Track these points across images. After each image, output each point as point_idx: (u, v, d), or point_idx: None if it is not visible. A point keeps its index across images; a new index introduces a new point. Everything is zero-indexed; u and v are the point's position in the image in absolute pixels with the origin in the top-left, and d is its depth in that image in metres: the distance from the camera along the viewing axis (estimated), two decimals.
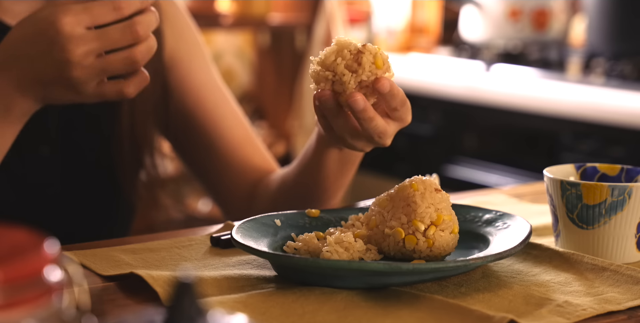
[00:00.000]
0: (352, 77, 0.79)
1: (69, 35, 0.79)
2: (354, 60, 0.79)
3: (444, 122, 2.58)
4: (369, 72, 0.79)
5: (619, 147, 2.13)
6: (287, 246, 0.79)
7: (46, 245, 0.45)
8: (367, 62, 0.79)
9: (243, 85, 3.12)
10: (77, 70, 0.80)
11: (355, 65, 0.79)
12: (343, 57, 0.80)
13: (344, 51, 0.80)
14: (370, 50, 0.80)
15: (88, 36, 0.80)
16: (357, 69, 0.79)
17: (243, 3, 2.84)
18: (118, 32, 0.80)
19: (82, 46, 0.80)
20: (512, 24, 2.73)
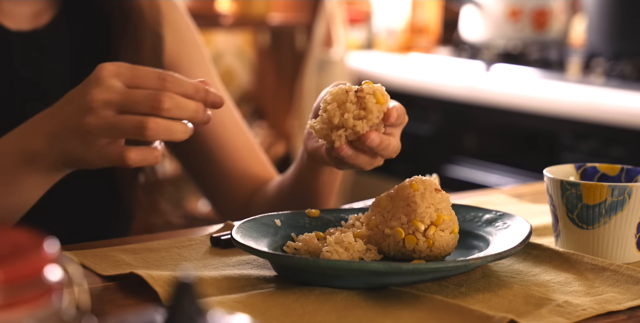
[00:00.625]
0: (364, 123, 0.79)
1: (100, 81, 0.78)
2: (359, 108, 0.79)
3: (444, 122, 2.58)
4: (377, 112, 0.79)
5: (619, 147, 2.13)
6: (287, 246, 0.79)
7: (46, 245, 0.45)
8: (372, 104, 0.79)
9: (243, 85, 3.12)
10: (92, 118, 0.78)
11: (362, 113, 0.79)
12: (347, 110, 0.79)
13: (345, 104, 0.79)
14: (369, 91, 0.79)
15: (115, 88, 0.78)
16: (365, 115, 0.79)
17: (243, 3, 2.84)
18: (142, 95, 0.77)
19: (105, 94, 0.78)
20: (512, 24, 2.73)
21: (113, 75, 0.78)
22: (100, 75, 0.79)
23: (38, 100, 1.01)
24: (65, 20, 1.03)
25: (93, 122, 0.78)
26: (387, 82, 2.73)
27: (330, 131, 0.80)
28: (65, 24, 1.03)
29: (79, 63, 1.04)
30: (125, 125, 0.77)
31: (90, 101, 0.78)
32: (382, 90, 0.80)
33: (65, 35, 1.03)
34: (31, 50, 1.01)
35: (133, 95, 0.77)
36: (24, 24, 1.01)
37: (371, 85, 0.80)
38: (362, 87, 0.79)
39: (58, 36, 1.03)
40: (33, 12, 1.02)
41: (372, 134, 0.79)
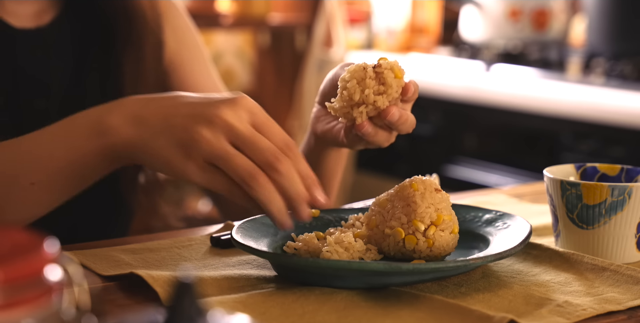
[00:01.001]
0: (384, 98, 0.79)
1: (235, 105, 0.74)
2: (378, 83, 0.79)
3: (444, 122, 2.58)
4: (396, 87, 0.80)
5: (619, 147, 2.13)
6: (287, 246, 0.79)
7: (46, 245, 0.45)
8: (391, 79, 0.79)
9: (243, 85, 3.12)
10: (207, 132, 0.72)
11: (381, 88, 0.79)
12: (367, 86, 0.79)
13: (365, 81, 0.79)
14: (387, 66, 0.80)
15: (244, 122, 0.73)
16: (385, 90, 0.79)
17: (243, 3, 2.84)
18: (266, 144, 0.72)
19: (234, 119, 0.73)
20: (512, 24, 2.73)
21: (249, 109, 0.74)
22: (237, 102, 0.74)
23: (42, 97, 1.01)
24: (67, 19, 1.04)
25: (207, 136, 0.72)
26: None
27: (351, 108, 0.80)
28: (68, 22, 1.04)
29: (82, 61, 1.04)
30: (238, 163, 0.71)
31: (215, 116, 0.73)
32: (399, 64, 0.81)
33: (67, 33, 1.04)
34: (35, 47, 1.01)
35: (258, 139, 0.72)
36: (28, 22, 1.01)
37: (388, 61, 0.80)
38: (379, 62, 0.80)
39: (61, 34, 1.03)
40: (36, 11, 1.02)
41: (393, 109, 0.80)
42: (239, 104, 0.74)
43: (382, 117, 0.80)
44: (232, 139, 0.72)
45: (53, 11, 1.04)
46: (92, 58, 1.05)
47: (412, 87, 0.81)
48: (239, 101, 0.74)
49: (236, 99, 0.75)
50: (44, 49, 1.02)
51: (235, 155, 0.72)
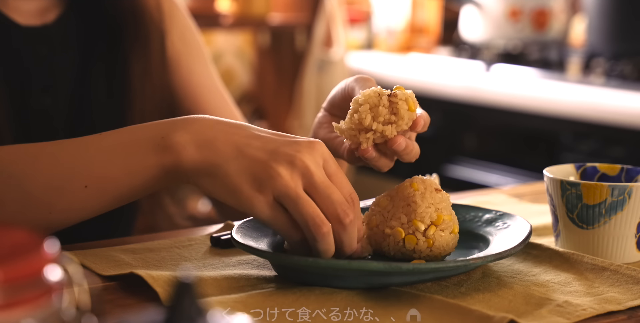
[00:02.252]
0: (393, 128, 0.78)
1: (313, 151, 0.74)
2: (390, 113, 0.78)
3: (444, 122, 2.58)
4: (407, 119, 0.79)
5: (619, 147, 2.13)
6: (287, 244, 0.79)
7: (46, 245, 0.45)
8: (404, 111, 0.78)
9: (243, 85, 3.12)
10: (285, 172, 0.72)
11: (392, 117, 0.78)
12: (379, 114, 0.78)
13: (378, 108, 0.78)
14: (402, 97, 0.78)
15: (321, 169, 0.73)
16: (396, 120, 0.78)
17: (243, 3, 2.84)
18: (338, 196, 0.73)
19: (313, 165, 0.73)
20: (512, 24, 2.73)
21: (324, 156, 0.74)
22: (316, 147, 0.74)
23: (46, 94, 1.02)
24: (72, 17, 1.04)
25: (284, 178, 0.72)
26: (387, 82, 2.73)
27: (358, 132, 0.79)
28: (73, 20, 1.04)
29: (88, 58, 1.05)
30: (308, 210, 0.72)
31: (296, 157, 0.72)
32: (414, 97, 0.80)
33: (73, 30, 1.04)
34: (40, 45, 1.02)
35: (332, 191, 0.73)
36: (33, 20, 1.02)
37: (404, 91, 0.79)
38: (395, 92, 0.79)
39: (66, 32, 1.04)
40: (41, 8, 1.03)
41: (400, 139, 0.79)
42: (317, 149, 0.74)
43: (388, 146, 0.79)
44: (307, 184, 0.73)
45: (58, 9, 1.04)
46: (97, 55, 1.05)
47: (423, 121, 0.80)
48: (317, 146, 0.74)
49: (314, 144, 0.74)
50: (49, 47, 1.02)
51: (307, 200, 0.72)
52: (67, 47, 1.04)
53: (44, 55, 1.02)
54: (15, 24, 1.00)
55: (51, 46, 1.03)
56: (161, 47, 1.07)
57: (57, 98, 1.03)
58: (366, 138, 0.79)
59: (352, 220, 0.73)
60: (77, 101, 1.04)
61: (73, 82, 1.04)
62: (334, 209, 0.72)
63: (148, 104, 1.06)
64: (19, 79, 1.00)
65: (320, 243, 0.72)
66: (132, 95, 1.05)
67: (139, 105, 1.05)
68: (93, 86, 1.05)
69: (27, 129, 1.01)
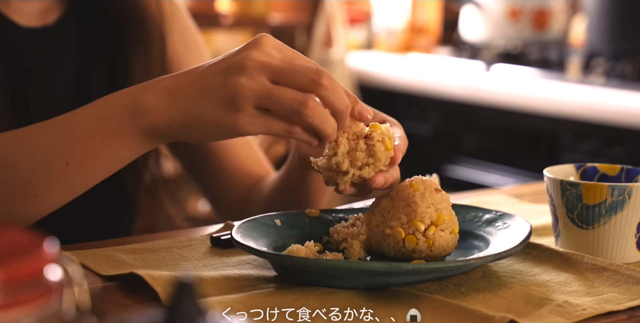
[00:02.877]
0: (371, 169, 0.78)
1: (260, 46, 0.73)
2: (367, 155, 0.77)
3: (444, 122, 2.58)
4: (385, 159, 0.78)
5: (619, 147, 2.13)
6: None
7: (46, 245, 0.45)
8: (380, 152, 0.77)
9: None
10: (245, 79, 0.72)
11: (370, 160, 0.77)
12: (356, 158, 0.77)
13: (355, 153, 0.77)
14: (378, 138, 0.77)
15: (275, 55, 0.73)
16: (373, 163, 0.77)
17: (243, 3, 2.84)
18: (303, 66, 0.73)
19: (264, 57, 0.73)
20: (512, 24, 2.73)
21: (274, 47, 0.74)
22: (261, 42, 0.74)
23: (47, 95, 1.02)
24: (73, 18, 1.04)
25: (246, 83, 0.72)
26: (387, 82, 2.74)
27: (336, 174, 0.78)
28: (74, 21, 1.04)
29: (88, 59, 1.05)
30: (285, 95, 0.72)
31: (245, 60, 0.72)
32: (390, 133, 0.78)
33: (74, 32, 1.04)
34: (41, 46, 1.02)
35: (294, 65, 0.72)
36: (34, 21, 1.02)
37: (379, 130, 0.78)
38: (371, 133, 0.78)
39: (67, 33, 1.04)
40: (42, 10, 1.03)
41: (377, 178, 0.78)
42: (264, 44, 0.74)
43: (367, 184, 0.79)
44: (270, 74, 0.72)
45: (59, 10, 1.04)
46: (98, 57, 1.05)
47: (400, 154, 0.79)
48: (262, 41, 0.74)
49: (259, 39, 0.74)
50: (50, 48, 1.03)
51: (278, 89, 0.72)
52: (67, 48, 1.04)
53: (45, 56, 1.02)
54: (16, 25, 1.00)
55: (52, 47, 1.03)
56: (162, 48, 1.07)
57: (58, 99, 1.03)
58: (344, 181, 0.78)
59: (329, 79, 0.73)
60: (77, 102, 1.04)
61: (74, 83, 1.04)
62: (305, 77, 0.72)
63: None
64: (20, 80, 1.00)
65: (314, 119, 0.72)
66: None
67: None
68: (93, 87, 1.05)
69: None
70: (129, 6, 1.05)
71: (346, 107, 0.74)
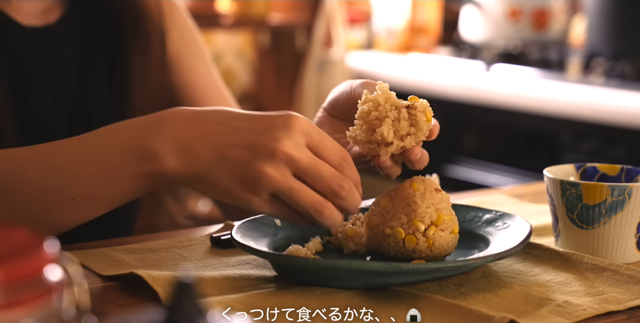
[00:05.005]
0: (412, 139, 0.78)
1: (291, 132, 0.72)
2: (410, 125, 0.78)
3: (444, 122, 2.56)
4: (426, 130, 0.78)
5: (619, 147, 2.13)
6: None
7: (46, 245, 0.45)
8: (422, 122, 0.78)
9: (243, 85, 3.12)
10: (271, 169, 0.71)
11: (412, 129, 0.78)
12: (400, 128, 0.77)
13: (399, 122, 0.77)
14: (420, 109, 0.78)
15: (304, 150, 0.72)
16: (415, 132, 0.78)
17: (243, 3, 2.84)
18: (330, 172, 0.73)
19: (295, 151, 0.72)
20: (512, 24, 2.73)
21: (303, 132, 0.73)
22: (292, 125, 0.73)
23: (48, 94, 1.02)
24: (75, 17, 1.04)
25: (271, 173, 0.71)
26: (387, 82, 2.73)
27: (377, 145, 0.78)
28: (75, 20, 1.05)
29: (89, 58, 1.05)
30: (305, 199, 0.72)
31: (276, 150, 0.71)
32: (429, 106, 0.79)
33: (75, 31, 1.04)
34: (43, 45, 1.02)
35: (321, 168, 0.73)
36: (35, 20, 1.02)
37: (420, 102, 0.78)
38: (414, 103, 0.78)
39: (68, 32, 1.04)
40: (42, 9, 1.03)
41: (417, 149, 0.79)
42: (294, 128, 0.73)
43: (405, 156, 0.79)
44: (296, 170, 0.72)
45: (60, 9, 1.04)
46: (99, 55, 1.05)
47: (437, 130, 0.80)
48: (293, 124, 0.73)
49: (291, 123, 0.73)
50: (51, 47, 1.03)
51: (299, 190, 0.72)
52: (68, 47, 1.04)
53: (46, 55, 1.02)
54: (18, 24, 1.00)
55: (53, 46, 1.03)
56: (161, 47, 1.07)
57: (59, 98, 1.03)
58: (386, 151, 0.78)
59: (347, 189, 0.73)
60: (78, 101, 1.04)
61: (74, 82, 1.04)
62: (328, 185, 0.73)
63: (149, 103, 1.06)
64: (21, 79, 1.01)
65: (326, 222, 0.73)
66: (133, 94, 1.06)
67: (139, 104, 1.06)
68: (94, 86, 1.05)
69: (28, 129, 1.01)
70: (128, 5, 1.05)
71: (356, 209, 0.75)
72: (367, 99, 0.78)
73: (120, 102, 1.06)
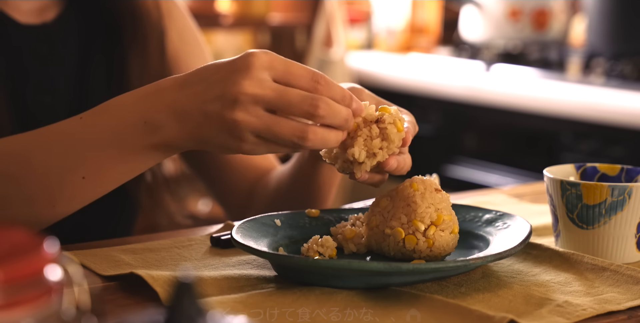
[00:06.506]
0: (385, 152, 0.78)
1: (250, 71, 0.73)
2: (381, 139, 0.77)
3: (444, 122, 2.58)
4: (397, 141, 0.78)
5: (619, 147, 2.13)
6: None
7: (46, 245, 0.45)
8: (393, 134, 0.77)
9: None
10: (241, 114, 0.73)
11: (383, 143, 0.78)
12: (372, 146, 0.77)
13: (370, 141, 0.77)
14: (390, 121, 0.77)
15: (267, 83, 0.73)
16: (387, 145, 0.78)
17: (243, 3, 2.84)
18: (297, 96, 0.73)
19: (256, 89, 0.73)
20: (512, 24, 2.73)
21: (265, 67, 0.73)
22: (251, 64, 0.73)
23: (46, 93, 1.02)
24: (72, 15, 1.04)
25: (243, 118, 0.73)
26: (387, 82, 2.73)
27: (351, 163, 0.78)
28: (73, 18, 1.05)
29: (87, 57, 1.05)
30: (284, 130, 0.73)
31: (238, 93, 0.73)
32: (399, 115, 0.79)
33: (72, 29, 1.05)
34: (40, 43, 1.02)
35: (287, 96, 0.73)
36: (32, 18, 1.02)
37: (389, 113, 0.78)
38: (382, 117, 0.77)
39: (66, 30, 1.04)
40: (40, 7, 1.03)
41: (391, 160, 0.78)
42: (254, 66, 0.73)
43: (380, 167, 0.79)
44: (265, 105, 0.73)
45: (58, 7, 1.04)
46: (97, 54, 1.06)
47: (411, 136, 0.80)
48: (252, 63, 0.74)
49: (249, 62, 0.74)
50: (49, 45, 1.03)
51: (275, 124, 0.73)
52: (66, 45, 1.04)
53: (44, 53, 1.02)
54: (15, 22, 1.00)
55: (51, 45, 1.03)
56: (160, 46, 1.07)
57: (57, 96, 1.03)
58: (360, 169, 0.78)
59: (324, 106, 0.73)
60: (76, 99, 1.04)
61: (72, 81, 1.04)
62: (301, 109, 0.73)
63: None
64: (19, 77, 1.01)
65: (315, 146, 0.74)
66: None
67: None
68: (92, 85, 1.05)
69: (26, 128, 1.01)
70: (126, 4, 1.05)
71: (345, 121, 0.75)
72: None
73: None
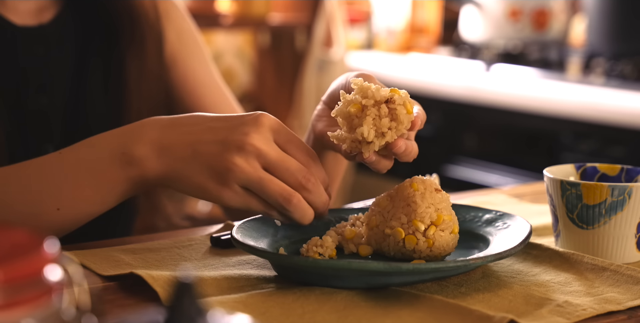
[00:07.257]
0: (394, 133, 0.78)
1: (259, 127, 0.76)
2: (390, 119, 0.77)
3: (444, 122, 2.58)
4: (407, 123, 0.78)
5: (619, 147, 2.13)
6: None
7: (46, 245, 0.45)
8: (403, 115, 0.77)
9: (243, 85, 3.12)
10: (241, 161, 0.75)
11: (392, 123, 0.77)
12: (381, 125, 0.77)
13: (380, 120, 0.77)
14: (399, 102, 0.77)
15: (272, 144, 0.76)
16: (396, 126, 0.77)
17: (243, 3, 2.84)
18: (296, 165, 0.76)
19: (263, 145, 0.75)
20: (512, 24, 2.73)
21: (272, 129, 0.77)
22: (262, 123, 0.77)
23: (43, 94, 1.02)
24: (69, 17, 1.04)
25: (241, 164, 0.75)
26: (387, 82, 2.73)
27: (359, 143, 0.78)
28: (70, 20, 1.04)
29: (84, 58, 1.05)
30: (274, 188, 0.76)
31: (245, 143, 0.75)
32: (409, 97, 0.79)
33: (69, 30, 1.04)
34: (37, 45, 1.02)
35: (287, 162, 0.76)
36: (29, 20, 1.02)
37: (399, 95, 0.78)
38: (392, 97, 0.77)
39: (63, 32, 1.04)
40: (37, 8, 1.03)
41: (400, 142, 0.78)
42: (263, 125, 0.77)
43: (389, 149, 0.79)
44: (264, 163, 0.76)
45: (54, 8, 1.04)
46: (94, 55, 1.05)
47: (420, 120, 0.80)
48: (262, 122, 0.77)
49: (260, 120, 0.77)
50: (45, 46, 1.03)
51: (268, 181, 0.76)
52: (63, 47, 1.04)
53: (40, 55, 1.02)
54: (12, 23, 1.00)
55: (47, 46, 1.03)
56: (158, 46, 1.07)
57: (54, 98, 1.03)
58: (368, 148, 0.78)
59: (314, 182, 0.77)
60: (73, 101, 1.04)
61: (69, 82, 1.04)
62: (295, 178, 0.76)
63: (144, 104, 1.06)
64: (15, 78, 1.00)
65: (294, 214, 0.77)
66: (129, 95, 1.06)
67: (135, 105, 1.06)
68: (89, 86, 1.05)
69: (23, 129, 1.01)
70: (124, 5, 1.05)
71: (324, 204, 0.79)
72: (345, 101, 0.78)
73: (116, 101, 1.06)
